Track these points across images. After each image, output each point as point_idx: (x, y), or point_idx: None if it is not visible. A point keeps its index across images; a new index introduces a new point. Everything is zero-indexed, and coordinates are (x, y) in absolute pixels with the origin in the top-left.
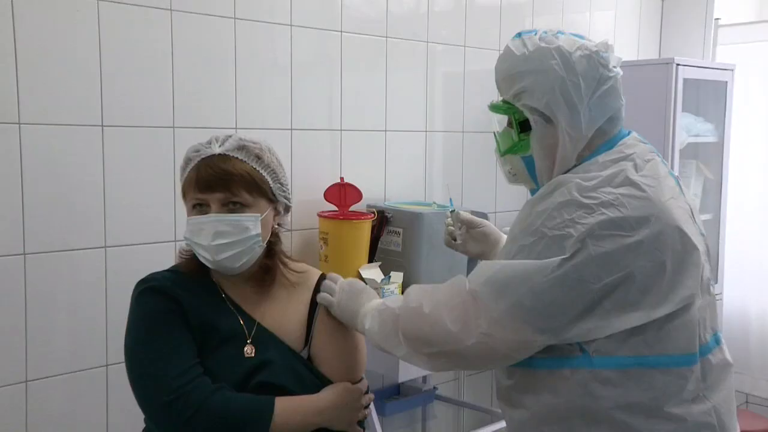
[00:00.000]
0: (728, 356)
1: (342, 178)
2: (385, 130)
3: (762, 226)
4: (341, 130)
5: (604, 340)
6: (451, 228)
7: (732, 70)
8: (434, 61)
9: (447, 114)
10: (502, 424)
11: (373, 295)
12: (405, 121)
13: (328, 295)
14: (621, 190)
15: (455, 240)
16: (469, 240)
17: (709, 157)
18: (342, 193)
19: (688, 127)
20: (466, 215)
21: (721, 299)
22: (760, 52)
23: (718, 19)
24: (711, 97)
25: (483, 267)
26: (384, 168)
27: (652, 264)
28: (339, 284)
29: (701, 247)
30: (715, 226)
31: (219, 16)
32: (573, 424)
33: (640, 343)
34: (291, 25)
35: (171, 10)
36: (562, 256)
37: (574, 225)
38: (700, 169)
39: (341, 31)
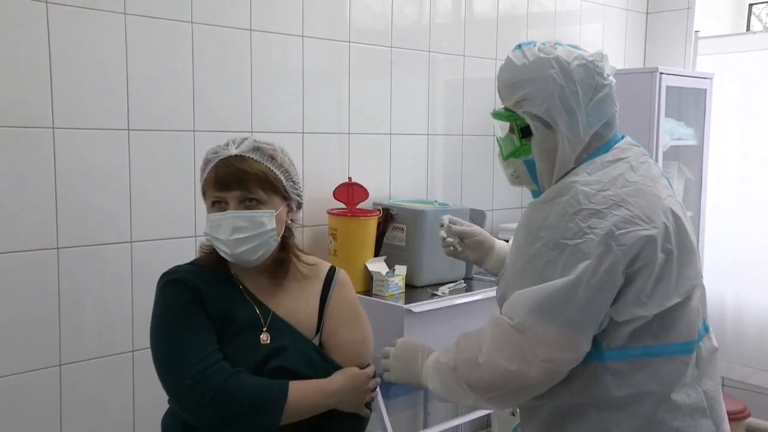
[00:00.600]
0: (715, 342)
1: (350, 178)
2: (390, 133)
3: (737, 222)
4: (349, 133)
5: (615, 335)
6: (450, 240)
7: (711, 78)
8: (435, 69)
9: (447, 118)
10: None
11: (426, 352)
12: (408, 124)
13: (388, 372)
14: (624, 191)
15: (456, 249)
16: (464, 249)
17: (690, 159)
18: (350, 192)
19: (671, 131)
20: (459, 227)
21: None
22: (736, 62)
23: (698, 31)
24: (691, 104)
25: (518, 298)
26: (389, 168)
27: (664, 255)
28: (392, 353)
29: (694, 241)
30: (695, 223)
31: (236, 28)
32: (587, 412)
33: (646, 335)
34: (302, 36)
35: (192, 22)
36: (590, 262)
37: (592, 230)
38: (682, 170)
39: (349, 42)
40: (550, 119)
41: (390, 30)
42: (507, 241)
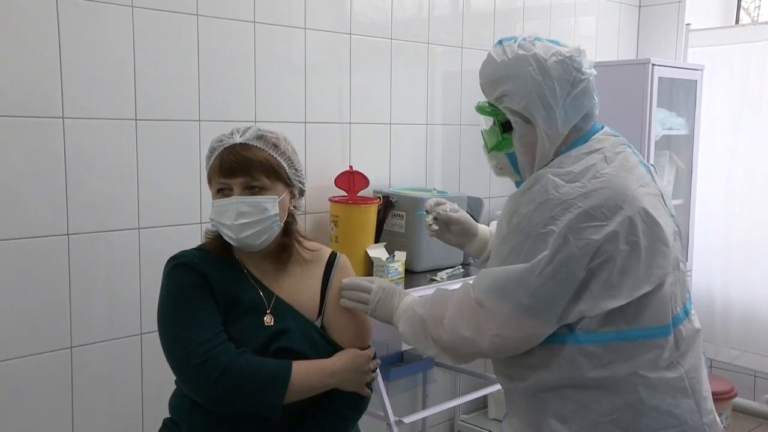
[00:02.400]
0: (697, 324)
1: (351, 167)
2: (390, 123)
3: (726, 209)
4: (350, 123)
5: (588, 320)
6: (435, 226)
7: (701, 70)
8: (434, 60)
9: (446, 108)
10: (494, 387)
11: (402, 294)
12: (408, 114)
13: (357, 303)
14: (593, 183)
15: (437, 231)
16: (449, 234)
17: (681, 148)
18: (351, 180)
19: (663, 121)
20: (445, 214)
21: (690, 275)
22: (726, 53)
23: (689, 24)
24: (683, 94)
25: (483, 276)
26: (389, 157)
27: (629, 247)
28: (373, 291)
29: (671, 229)
30: (685, 210)
31: (240, 20)
32: (565, 391)
33: (620, 320)
34: (305, 29)
35: (197, 15)
36: (546, 252)
37: (554, 222)
38: (673, 159)
39: (350, 34)
40: (528, 115)
41: (390, 22)
42: (488, 225)
